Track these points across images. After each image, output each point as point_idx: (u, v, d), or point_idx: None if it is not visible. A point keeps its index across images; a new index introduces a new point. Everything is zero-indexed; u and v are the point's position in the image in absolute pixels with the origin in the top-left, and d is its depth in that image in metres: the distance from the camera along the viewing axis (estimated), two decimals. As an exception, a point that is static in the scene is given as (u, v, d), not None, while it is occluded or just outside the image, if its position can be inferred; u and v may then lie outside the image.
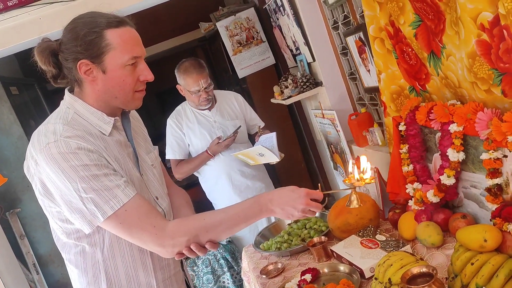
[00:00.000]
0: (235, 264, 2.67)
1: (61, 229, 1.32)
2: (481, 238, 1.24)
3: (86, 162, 1.19)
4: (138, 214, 1.23)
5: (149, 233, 1.23)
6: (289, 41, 3.06)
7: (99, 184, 1.20)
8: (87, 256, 1.33)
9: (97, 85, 1.27)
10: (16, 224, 3.38)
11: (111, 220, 1.22)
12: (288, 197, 1.30)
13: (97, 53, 1.22)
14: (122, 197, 1.22)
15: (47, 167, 1.20)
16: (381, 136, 2.26)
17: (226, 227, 1.29)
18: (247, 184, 2.65)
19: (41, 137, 1.24)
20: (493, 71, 1.27)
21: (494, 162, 1.32)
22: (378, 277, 1.40)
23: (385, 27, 1.72)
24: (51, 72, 1.29)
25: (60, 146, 1.19)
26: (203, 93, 2.48)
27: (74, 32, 1.23)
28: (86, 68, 1.24)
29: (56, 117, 1.29)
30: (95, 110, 1.30)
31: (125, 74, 1.27)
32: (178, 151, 2.62)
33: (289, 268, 1.80)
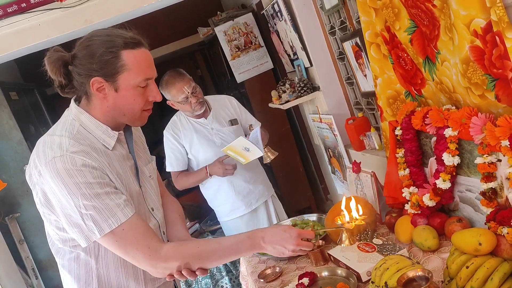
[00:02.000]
0: (234, 268, 2.68)
1: (57, 236, 1.34)
2: (476, 242, 1.25)
3: (90, 180, 1.22)
4: (134, 234, 1.27)
5: (143, 254, 1.27)
6: (287, 46, 3.08)
7: (100, 202, 1.23)
8: (81, 263, 1.35)
9: (107, 102, 1.30)
10: (15, 229, 3.38)
11: (108, 238, 1.25)
12: (279, 237, 1.35)
13: (112, 73, 1.25)
14: (121, 216, 1.25)
15: (51, 180, 1.22)
16: (378, 140, 2.27)
17: (217, 257, 1.34)
18: (249, 188, 2.64)
19: (47, 149, 1.26)
20: (486, 77, 1.28)
21: (489, 166, 1.33)
22: (374, 280, 1.41)
23: (381, 33, 1.74)
24: (60, 82, 1.30)
25: (65, 161, 1.21)
26: (192, 98, 2.44)
27: (90, 50, 1.25)
28: (99, 86, 1.27)
29: (62, 128, 1.31)
30: (101, 124, 1.32)
31: (136, 94, 1.30)
32: (176, 164, 2.60)
33: (286, 272, 1.80)
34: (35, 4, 2.43)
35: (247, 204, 2.64)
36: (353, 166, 2.08)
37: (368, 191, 2.01)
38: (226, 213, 2.67)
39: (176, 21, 4.71)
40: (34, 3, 2.43)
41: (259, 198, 2.67)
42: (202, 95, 2.53)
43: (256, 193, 2.67)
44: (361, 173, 2.05)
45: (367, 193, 2.02)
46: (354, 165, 2.07)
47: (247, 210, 2.64)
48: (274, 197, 2.79)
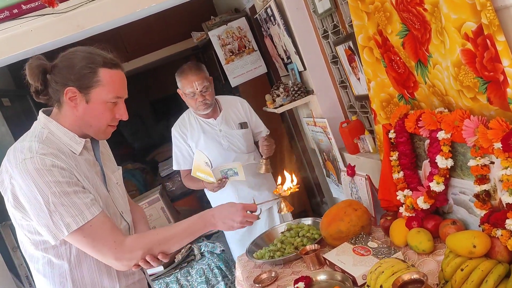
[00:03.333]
0: (229, 273, 2.66)
1: (29, 241, 1.39)
2: (470, 244, 1.26)
3: (59, 179, 1.30)
4: (101, 230, 1.34)
5: (109, 248, 1.35)
6: (280, 50, 3.08)
7: (68, 200, 1.30)
8: (55, 267, 1.40)
9: (77, 111, 1.40)
10: (9, 237, 3.35)
11: (75, 234, 1.32)
12: (227, 211, 1.49)
13: (86, 85, 1.37)
14: (87, 214, 1.33)
15: (21, 181, 1.29)
16: (372, 144, 2.27)
17: (176, 240, 1.44)
18: (254, 194, 2.55)
19: (17, 153, 1.34)
20: (478, 80, 1.29)
21: (482, 169, 1.34)
22: (370, 284, 1.41)
23: (373, 37, 1.75)
24: (36, 87, 1.40)
25: (35, 162, 1.29)
26: (198, 97, 2.41)
27: (71, 62, 1.37)
28: (72, 95, 1.37)
29: (32, 135, 1.40)
30: (68, 131, 1.42)
31: (105, 109, 1.42)
32: (183, 163, 2.56)
33: (282, 276, 1.80)
34: (27, 10, 2.42)
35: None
36: (347, 170, 2.08)
37: (363, 194, 2.01)
38: None
39: (169, 25, 4.71)
40: (26, 9, 2.42)
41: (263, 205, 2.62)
42: (212, 98, 2.48)
43: (261, 199, 2.59)
44: (355, 176, 2.05)
45: (361, 196, 2.03)
46: (349, 168, 2.08)
47: None
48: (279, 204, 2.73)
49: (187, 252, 2.73)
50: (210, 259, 2.65)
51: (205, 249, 2.75)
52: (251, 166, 2.56)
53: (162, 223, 3.05)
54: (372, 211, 1.94)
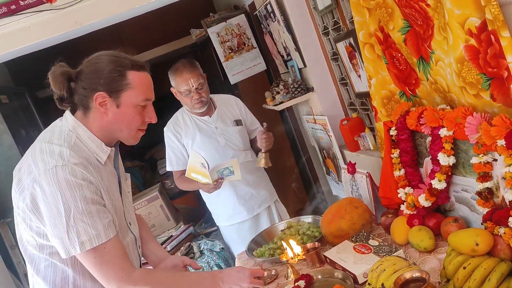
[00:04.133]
0: (229, 271, 2.65)
1: (35, 242, 1.35)
2: (473, 242, 1.25)
3: (86, 194, 1.27)
4: (113, 254, 1.31)
5: (116, 274, 1.31)
6: (280, 47, 3.07)
7: (89, 219, 1.27)
8: (57, 271, 1.37)
9: (107, 117, 1.36)
10: (7, 234, 3.33)
11: (87, 253, 1.28)
12: (235, 277, 1.47)
13: (116, 89, 1.34)
14: (103, 236, 1.29)
15: (47, 188, 1.25)
16: (372, 141, 2.26)
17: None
18: (252, 193, 2.54)
19: (47, 157, 1.29)
20: (481, 76, 1.28)
21: (484, 166, 1.32)
22: (371, 282, 1.40)
23: (374, 33, 1.73)
24: (61, 95, 1.36)
25: (67, 172, 1.26)
26: (194, 94, 2.36)
27: (99, 66, 1.34)
28: (102, 100, 1.34)
29: (59, 138, 1.34)
30: (96, 138, 1.38)
31: (135, 112, 1.38)
32: (176, 163, 2.51)
33: (282, 274, 1.79)
34: (25, 6, 2.40)
35: (248, 209, 2.54)
36: (348, 167, 2.07)
37: (363, 192, 2.00)
38: (226, 218, 2.58)
39: (168, 22, 4.68)
40: (24, 5, 2.40)
41: (261, 203, 2.57)
42: (207, 96, 2.44)
43: (259, 198, 2.56)
44: (356, 174, 2.04)
45: (362, 194, 2.01)
46: (349, 166, 2.06)
47: (248, 215, 2.54)
48: (277, 202, 2.69)
49: (186, 250, 2.71)
50: (210, 257, 2.64)
51: (204, 247, 2.74)
52: (248, 164, 2.53)
53: (161, 220, 3.03)
54: (372, 209, 1.93)
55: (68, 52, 3.95)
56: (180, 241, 2.79)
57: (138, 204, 2.99)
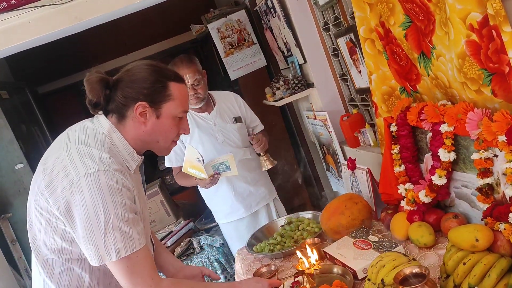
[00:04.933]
0: (229, 267, 2.66)
1: (55, 246, 1.31)
2: (473, 238, 1.25)
3: (125, 201, 1.26)
4: (144, 263, 1.30)
5: (145, 283, 1.29)
6: (281, 42, 3.06)
7: (127, 225, 1.25)
8: (74, 276, 1.35)
9: (145, 127, 1.36)
10: (8, 229, 3.34)
11: (120, 262, 1.26)
12: (251, 285, 1.46)
13: (158, 100, 1.34)
14: (137, 244, 1.28)
15: (87, 192, 1.22)
16: (372, 137, 2.26)
17: None
18: (250, 190, 2.54)
19: (87, 160, 1.26)
20: (482, 71, 1.27)
21: (485, 162, 1.32)
22: (371, 278, 1.40)
23: (375, 28, 1.73)
24: (98, 102, 1.33)
25: (109, 177, 1.24)
26: (190, 90, 2.34)
27: (141, 76, 1.33)
28: (143, 110, 1.33)
29: (96, 141, 1.32)
30: (129, 146, 1.36)
31: (174, 124, 1.39)
32: (175, 159, 2.51)
33: (282, 270, 1.79)
34: (25, 1, 2.39)
35: (246, 206, 2.53)
36: (348, 163, 2.07)
37: (364, 187, 2.00)
38: (225, 215, 2.58)
39: (168, 18, 4.67)
40: (24, 0, 2.39)
41: (260, 201, 2.57)
42: (204, 92, 2.42)
43: (257, 195, 2.56)
44: (356, 169, 2.04)
45: (362, 190, 2.01)
46: (349, 162, 2.06)
47: (246, 213, 2.54)
48: (276, 200, 2.68)
49: (186, 246, 2.72)
50: (210, 253, 2.64)
51: (204, 242, 2.75)
52: (246, 162, 2.52)
53: (161, 216, 3.04)
54: (372, 205, 1.93)
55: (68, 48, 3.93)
56: (180, 236, 2.80)
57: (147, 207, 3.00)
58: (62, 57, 4.28)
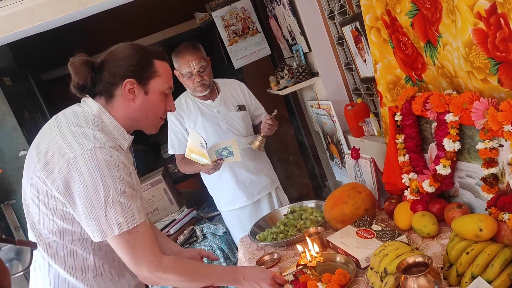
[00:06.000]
0: (231, 255, 2.67)
1: (56, 228, 1.32)
2: (477, 228, 1.24)
3: (123, 176, 1.28)
4: (145, 238, 1.31)
5: (147, 258, 1.30)
6: (285, 31, 3.03)
7: (126, 200, 1.27)
8: (78, 257, 1.36)
9: (134, 104, 1.38)
10: (11, 216, 3.36)
11: (121, 236, 1.27)
12: (257, 276, 1.47)
13: (145, 76, 1.37)
14: (138, 218, 1.29)
15: (85, 169, 1.23)
16: (377, 127, 2.25)
17: (205, 281, 1.43)
18: (252, 179, 2.54)
19: (82, 139, 1.28)
20: (489, 60, 1.26)
21: (490, 152, 1.31)
22: (373, 266, 1.40)
23: (381, 16, 1.71)
24: (84, 85, 1.35)
25: (106, 153, 1.26)
26: (196, 77, 2.35)
27: (127, 54, 1.36)
28: (131, 87, 1.36)
29: (87, 122, 1.34)
30: (119, 126, 1.39)
31: (161, 100, 1.42)
32: (178, 146, 2.51)
33: (285, 258, 1.80)
34: (27, -13, 2.38)
35: (248, 195, 2.54)
36: (352, 152, 2.06)
37: (367, 177, 1.99)
38: (227, 203, 2.58)
39: (172, 6, 4.63)
40: (27, -14, 2.38)
41: (261, 190, 2.57)
42: (210, 79, 2.41)
43: (259, 184, 2.56)
44: (360, 159, 2.03)
45: (366, 179, 2.01)
46: (353, 151, 2.06)
47: (248, 201, 2.55)
48: (278, 189, 2.68)
49: (189, 234, 2.73)
50: (212, 241, 2.66)
51: (207, 230, 2.76)
52: (249, 150, 2.52)
53: (164, 204, 3.04)
54: (376, 194, 1.93)
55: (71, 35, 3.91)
56: (183, 224, 2.81)
57: (141, 187, 3.00)
58: (65, 44, 4.25)
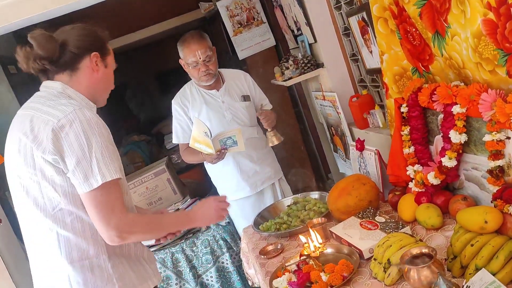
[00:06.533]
0: (234, 245, 2.67)
1: (59, 198, 1.37)
2: (482, 220, 1.24)
3: (103, 132, 1.38)
4: (116, 194, 1.38)
5: (115, 215, 1.36)
6: (291, 21, 3.01)
7: (108, 154, 1.36)
8: (85, 223, 1.41)
9: (97, 75, 1.51)
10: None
11: (96, 191, 1.34)
12: (204, 209, 1.64)
13: (105, 52, 1.54)
14: (118, 173, 1.38)
15: (69, 128, 1.33)
16: (382, 119, 2.24)
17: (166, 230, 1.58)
18: (256, 169, 2.53)
19: (60, 106, 1.37)
20: (498, 51, 1.25)
21: (497, 144, 1.31)
22: (377, 257, 1.40)
23: (389, 7, 1.69)
24: (49, 57, 1.42)
25: (85, 113, 1.36)
26: (201, 66, 2.33)
27: (87, 32, 1.50)
28: (96, 59, 1.49)
29: (57, 97, 1.43)
30: (84, 97, 1.49)
31: (112, 75, 1.59)
32: (183, 136, 2.50)
33: (288, 248, 1.80)
34: (32, -26, 2.36)
35: (252, 185, 2.53)
36: (356, 144, 2.06)
37: (371, 169, 1.99)
38: (231, 193, 2.56)
39: (176, -5, 4.62)
40: (32, -27, 2.36)
41: (265, 180, 2.56)
42: (215, 69, 2.40)
43: (263, 175, 2.55)
44: (364, 151, 2.03)
45: (370, 171, 2.00)
46: (358, 142, 2.05)
47: (252, 191, 2.54)
48: (282, 180, 2.68)
49: (192, 223, 2.74)
50: (216, 231, 2.66)
51: (210, 220, 2.76)
52: (253, 140, 2.51)
53: (167, 194, 3.05)
54: (380, 186, 1.92)
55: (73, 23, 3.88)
56: (186, 214, 2.81)
57: (145, 177, 3.01)
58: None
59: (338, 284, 1.39)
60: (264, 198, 2.59)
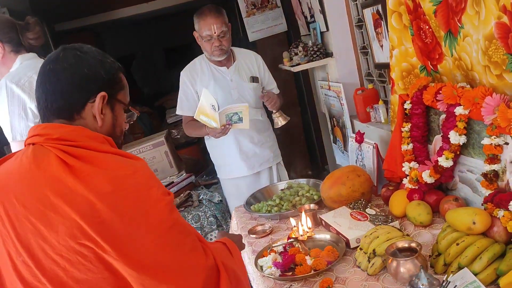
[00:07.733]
0: (224, 223, 2.70)
1: None
2: (470, 220, 1.25)
3: None
4: None
5: None
6: (305, 7, 2.99)
7: None
8: None
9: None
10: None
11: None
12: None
13: None
14: None
15: None
16: (384, 114, 2.24)
17: None
18: (255, 151, 2.54)
19: None
20: (507, 56, 1.24)
21: (495, 148, 1.31)
22: (363, 247, 1.42)
23: (405, 1, 1.68)
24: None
25: None
26: (215, 41, 2.33)
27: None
28: None
29: None
30: None
31: None
32: (187, 108, 2.49)
33: (276, 230, 1.82)
34: None
35: (249, 166, 2.55)
36: (356, 136, 2.06)
37: (368, 162, 2.00)
38: (227, 171, 2.60)
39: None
40: None
41: (263, 162, 2.58)
42: (228, 45, 2.40)
43: (262, 157, 2.57)
44: (363, 143, 2.03)
45: (366, 164, 2.01)
46: (358, 134, 2.06)
47: (249, 172, 2.56)
48: (280, 165, 2.70)
49: (185, 197, 2.76)
50: (207, 207, 2.68)
51: (203, 196, 2.78)
52: (256, 122, 2.52)
53: (164, 166, 3.06)
54: (374, 180, 1.94)
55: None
56: (180, 188, 2.83)
57: (143, 147, 3.01)
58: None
59: (322, 269, 1.40)
60: (260, 180, 2.61)
